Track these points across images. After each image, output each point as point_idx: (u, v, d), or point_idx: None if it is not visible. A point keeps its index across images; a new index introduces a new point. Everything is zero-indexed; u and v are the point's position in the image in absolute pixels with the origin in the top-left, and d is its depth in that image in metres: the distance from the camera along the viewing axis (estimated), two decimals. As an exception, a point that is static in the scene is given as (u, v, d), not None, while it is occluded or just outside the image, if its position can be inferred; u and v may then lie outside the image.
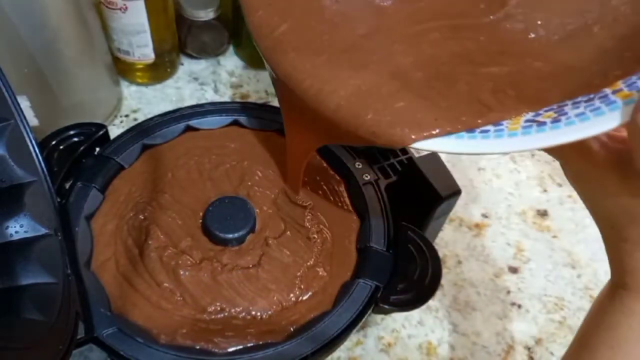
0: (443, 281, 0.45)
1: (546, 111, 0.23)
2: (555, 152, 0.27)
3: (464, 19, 0.29)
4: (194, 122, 0.45)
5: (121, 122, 0.57)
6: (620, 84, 0.22)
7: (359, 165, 0.42)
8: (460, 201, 0.43)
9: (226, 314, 0.35)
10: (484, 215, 0.52)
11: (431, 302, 0.45)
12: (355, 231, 0.40)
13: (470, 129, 0.24)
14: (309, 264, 0.38)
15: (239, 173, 0.43)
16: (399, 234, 0.38)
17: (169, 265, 0.36)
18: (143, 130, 0.44)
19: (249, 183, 0.42)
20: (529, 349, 0.43)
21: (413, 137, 0.23)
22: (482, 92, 0.25)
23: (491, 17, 0.28)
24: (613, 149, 0.24)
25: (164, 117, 0.45)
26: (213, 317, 0.35)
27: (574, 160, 0.26)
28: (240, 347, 0.33)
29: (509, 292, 0.46)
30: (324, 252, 0.39)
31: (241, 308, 0.35)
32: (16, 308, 0.28)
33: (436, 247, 0.37)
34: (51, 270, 0.30)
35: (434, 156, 0.41)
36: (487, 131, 0.23)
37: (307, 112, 0.27)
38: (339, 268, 0.38)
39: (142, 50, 0.55)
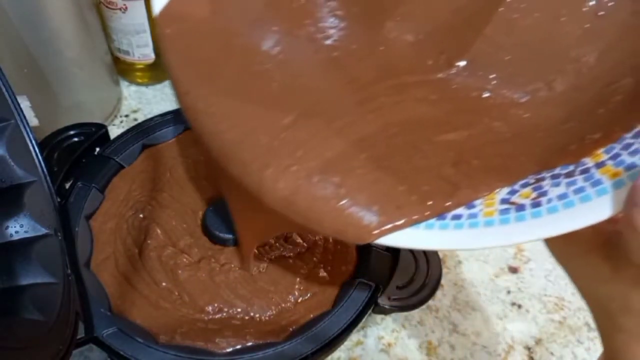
0: (443, 281, 0.45)
1: (523, 187, 0.21)
2: None
3: (412, 75, 0.25)
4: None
5: (121, 122, 0.57)
6: (602, 155, 0.19)
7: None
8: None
9: (225, 314, 0.35)
10: (484, 215, 0.52)
11: (431, 302, 0.45)
12: (355, 231, 0.40)
13: (441, 215, 0.20)
14: (309, 264, 0.38)
15: None
16: (399, 234, 0.38)
17: (167, 265, 0.36)
18: (143, 131, 0.44)
19: None
20: (529, 349, 0.43)
21: (375, 232, 0.20)
22: (443, 166, 0.22)
23: (440, 74, 0.25)
24: (601, 230, 0.21)
25: (164, 117, 0.45)
26: (211, 317, 0.35)
27: (558, 241, 0.22)
28: (240, 347, 0.33)
29: (509, 292, 0.46)
30: (324, 252, 0.39)
31: (240, 309, 0.35)
32: (16, 308, 0.28)
33: (436, 247, 0.37)
34: (51, 270, 0.30)
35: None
36: (459, 217, 0.20)
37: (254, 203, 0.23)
38: (339, 268, 0.38)
39: (142, 50, 0.55)
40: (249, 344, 0.33)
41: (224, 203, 0.40)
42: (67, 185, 0.39)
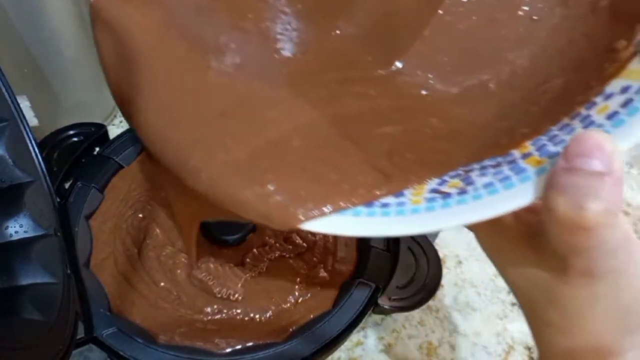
0: (443, 281, 0.45)
1: (452, 177, 0.21)
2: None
3: (353, 70, 0.26)
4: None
5: (121, 122, 0.57)
6: (529, 147, 0.20)
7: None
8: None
9: (224, 314, 0.35)
10: (484, 216, 0.52)
11: (431, 302, 0.45)
12: (355, 231, 0.40)
13: (369, 203, 0.21)
14: (309, 264, 0.38)
15: None
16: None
17: (166, 265, 0.36)
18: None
19: None
20: (529, 349, 0.43)
21: (301, 217, 0.20)
22: (378, 158, 0.22)
23: (380, 71, 0.25)
24: (525, 221, 0.21)
25: (164, 117, 0.45)
26: (211, 317, 0.35)
27: (485, 232, 0.23)
28: (240, 347, 0.33)
29: (509, 292, 0.46)
30: (324, 252, 0.39)
31: (240, 310, 0.35)
32: (16, 308, 0.28)
33: (436, 247, 0.37)
34: (51, 270, 0.30)
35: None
36: (387, 205, 0.20)
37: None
38: (339, 268, 0.38)
39: (142, 50, 0.55)
40: (249, 344, 0.33)
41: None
42: (67, 185, 0.39)
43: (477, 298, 0.46)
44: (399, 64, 0.25)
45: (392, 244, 0.38)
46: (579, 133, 0.17)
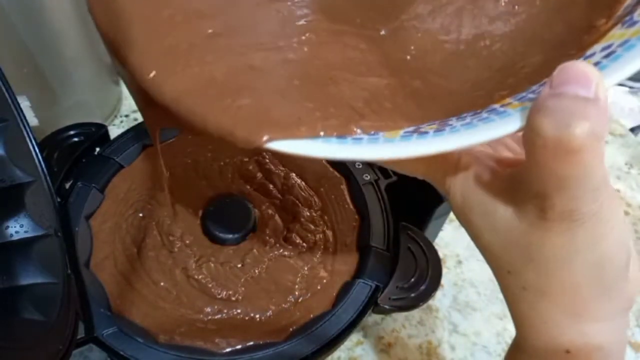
0: (443, 281, 0.45)
1: (429, 125, 0.21)
2: (439, 181, 0.23)
3: (346, 25, 0.26)
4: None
5: (121, 122, 0.57)
6: (508, 100, 0.20)
7: (359, 165, 0.42)
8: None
9: (224, 314, 0.35)
10: (484, 215, 0.52)
11: (431, 302, 0.45)
12: (355, 231, 0.40)
13: (340, 135, 0.21)
14: (309, 264, 0.38)
15: (231, 169, 0.43)
16: (399, 234, 0.38)
17: (165, 264, 0.36)
18: (143, 131, 0.44)
19: (241, 180, 0.42)
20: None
21: (266, 137, 0.20)
22: (355, 100, 0.22)
23: (369, 31, 0.26)
24: (503, 176, 0.20)
25: (164, 117, 0.45)
26: (211, 317, 0.35)
27: (463, 192, 0.22)
28: (240, 347, 0.33)
29: (509, 292, 0.46)
30: (324, 252, 0.39)
31: (240, 309, 0.35)
32: (16, 308, 0.28)
33: (436, 247, 0.37)
34: (51, 270, 0.30)
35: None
36: (359, 139, 0.20)
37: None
38: (339, 268, 0.38)
39: (142, 50, 0.55)
40: (249, 344, 0.33)
41: (223, 203, 0.40)
42: (67, 185, 0.39)
43: (477, 298, 0.46)
44: (383, 32, 0.26)
45: (392, 244, 0.38)
46: (563, 64, 0.17)
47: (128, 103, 0.58)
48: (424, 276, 0.35)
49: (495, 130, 0.18)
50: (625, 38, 0.18)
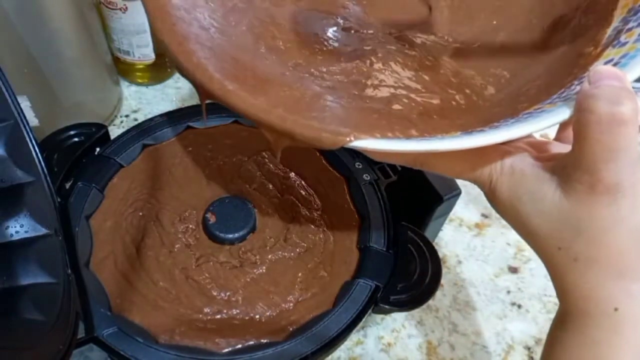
0: (443, 281, 0.45)
1: (475, 129, 0.24)
2: (485, 180, 0.25)
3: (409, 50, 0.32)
4: (194, 123, 0.45)
5: (121, 122, 0.57)
6: (535, 106, 0.24)
7: (359, 165, 0.42)
8: (460, 201, 0.43)
9: (224, 314, 0.35)
10: (484, 216, 0.52)
11: (431, 302, 0.45)
12: (355, 231, 0.40)
13: (407, 137, 0.24)
14: (309, 264, 0.38)
15: (231, 168, 0.43)
16: (399, 234, 0.38)
17: (165, 264, 0.36)
18: (143, 131, 0.44)
19: (240, 180, 0.42)
20: (529, 349, 0.43)
21: (348, 138, 0.24)
22: (411, 113, 0.27)
23: (426, 59, 0.32)
24: (546, 166, 0.24)
25: (164, 117, 0.45)
26: (210, 317, 0.35)
27: (508, 184, 0.24)
28: (240, 346, 0.33)
29: (509, 292, 0.46)
30: (324, 252, 0.39)
31: (240, 309, 0.35)
32: (16, 308, 0.28)
33: (436, 247, 0.37)
34: (51, 270, 0.30)
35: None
36: (422, 138, 0.24)
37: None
38: (339, 268, 0.38)
39: (143, 50, 0.55)
40: (249, 343, 0.33)
41: (223, 202, 0.40)
42: (67, 185, 0.39)
43: (477, 298, 0.46)
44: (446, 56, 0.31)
45: (392, 244, 0.38)
46: (596, 67, 0.22)
47: (128, 103, 0.58)
48: (424, 276, 0.35)
49: (550, 118, 0.22)
50: (623, 53, 0.22)
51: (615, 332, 0.23)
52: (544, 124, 0.22)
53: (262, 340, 0.33)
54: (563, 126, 0.30)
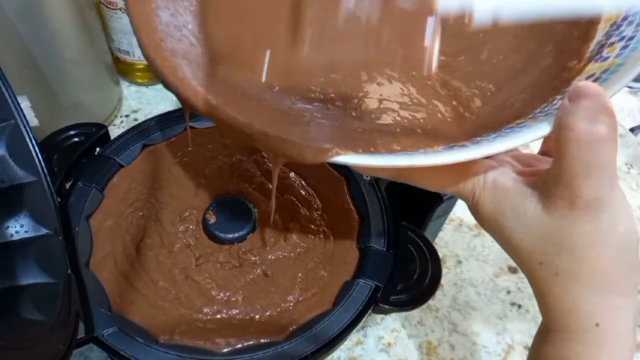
0: (443, 281, 0.45)
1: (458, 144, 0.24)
2: (468, 194, 0.25)
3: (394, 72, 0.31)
4: (195, 123, 0.45)
5: (121, 122, 0.57)
6: (518, 121, 0.24)
7: (359, 165, 0.42)
8: (460, 201, 0.43)
9: (224, 314, 0.35)
10: (484, 215, 0.52)
11: (431, 302, 0.45)
12: (355, 231, 0.40)
13: (388, 151, 0.24)
14: (309, 264, 0.38)
15: (230, 168, 0.43)
16: (399, 234, 0.38)
17: (164, 264, 0.36)
18: (143, 131, 0.44)
19: (240, 180, 0.42)
20: (529, 349, 0.43)
21: (330, 154, 0.24)
22: (396, 128, 0.27)
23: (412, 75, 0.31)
24: (528, 182, 0.24)
25: (164, 117, 0.45)
26: (210, 317, 0.35)
27: (492, 198, 0.25)
28: (240, 346, 0.33)
29: (508, 292, 0.46)
30: (324, 252, 0.39)
31: (240, 309, 0.35)
32: (16, 308, 0.28)
33: (436, 247, 0.37)
34: (51, 270, 0.30)
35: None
36: (404, 152, 0.24)
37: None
38: (339, 268, 0.38)
39: (142, 50, 0.55)
40: (249, 343, 0.33)
41: (223, 202, 0.40)
42: (68, 185, 0.39)
43: (477, 298, 0.46)
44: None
45: (392, 244, 0.38)
46: (576, 84, 0.22)
47: (128, 103, 0.58)
48: (424, 276, 0.35)
49: (530, 134, 0.22)
50: (605, 68, 0.23)
51: (598, 347, 0.23)
52: (525, 139, 0.22)
53: (262, 340, 0.33)
54: (547, 139, 0.30)
